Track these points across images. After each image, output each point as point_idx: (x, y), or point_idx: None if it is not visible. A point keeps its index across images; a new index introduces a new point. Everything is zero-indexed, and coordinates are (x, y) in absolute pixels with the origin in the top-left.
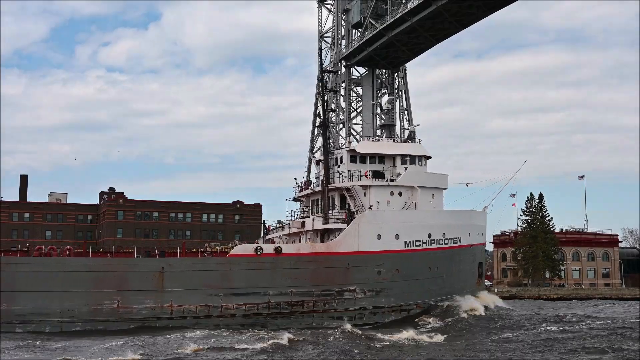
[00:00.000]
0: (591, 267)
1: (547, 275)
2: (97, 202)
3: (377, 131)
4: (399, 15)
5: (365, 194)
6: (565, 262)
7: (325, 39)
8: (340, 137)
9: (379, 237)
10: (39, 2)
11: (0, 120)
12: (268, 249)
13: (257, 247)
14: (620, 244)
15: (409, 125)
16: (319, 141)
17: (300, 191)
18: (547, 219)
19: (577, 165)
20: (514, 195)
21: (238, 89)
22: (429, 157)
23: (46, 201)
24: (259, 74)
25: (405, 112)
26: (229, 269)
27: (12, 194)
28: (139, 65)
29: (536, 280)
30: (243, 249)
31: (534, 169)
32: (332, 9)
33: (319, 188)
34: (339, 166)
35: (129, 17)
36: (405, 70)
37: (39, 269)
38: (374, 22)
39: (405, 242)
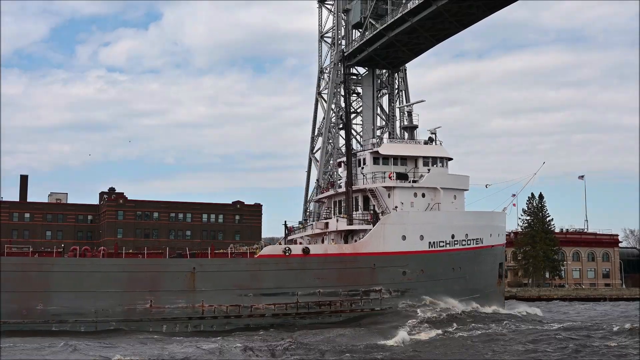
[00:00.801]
0: (591, 267)
1: (547, 275)
2: (97, 202)
3: (395, 132)
4: (399, 15)
5: (389, 196)
6: (565, 262)
7: (325, 39)
8: (340, 137)
9: (403, 238)
10: (39, 2)
11: (0, 120)
12: (296, 249)
13: (285, 248)
14: (620, 244)
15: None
16: (319, 141)
17: (322, 192)
18: (548, 219)
19: (577, 165)
20: (515, 195)
21: (238, 89)
22: (450, 159)
23: (46, 201)
24: (259, 74)
25: (406, 112)
26: (258, 269)
27: (12, 194)
28: (139, 65)
29: (536, 280)
30: (271, 249)
31: (534, 169)
32: (332, 9)
33: (342, 189)
34: (362, 168)
35: (129, 17)
36: (405, 70)
37: (73, 269)
38: (374, 22)
39: (430, 242)
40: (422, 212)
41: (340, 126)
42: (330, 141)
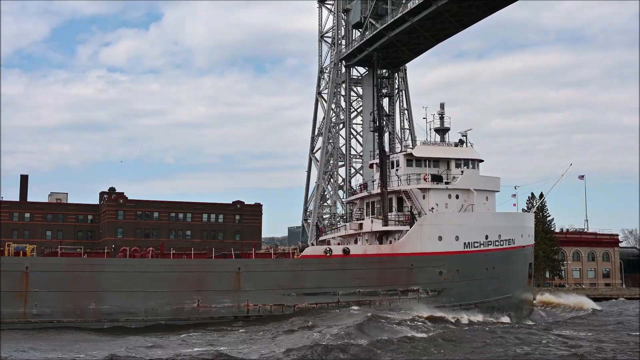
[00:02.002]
0: (591, 267)
1: (547, 275)
2: (97, 202)
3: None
4: (399, 15)
5: (424, 197)
6: (565, 262)
7: (325, 39)
8: (340, 137)
9: (440, 238)
10: (39, 2)
11: (0, 120)
12: (337, 250)
13: (326, 249)
14: (620, 244)
15: (408, 125)
16: (319, 141)
17: (353, 194)
18: (548, 218)
19: (578, 165)
20: (515, 195)
21: (238, 89)
22: (482, 160)
23: (46, 201)
24: (260, 74)
25: (406, 112)
26: (300, 269)
27: (12, 194)
28: (139, 66)
29: (536, 280)
30: (313, 250)
31: (534, 168)
32: (332, 9)
33: (376, 191)
34: (397, 170)
35: (130, 17)
36: (405, 70)
37: (124, 269)
38: (374, 22)
39: (465, 243)
40: (457, 213)
41: (341, 126)
42: (330, 141)
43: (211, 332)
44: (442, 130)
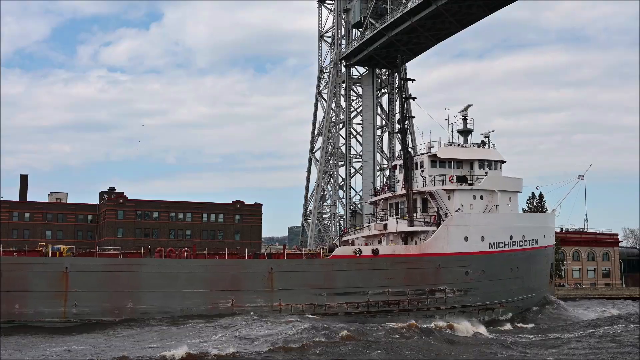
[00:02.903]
0: (591, 267)
1: None
2: (97, 202)
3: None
4: (399, 14)
5: (449, 198)
6: (565, 262)
7: (325, 38)
8: (340, 137)
9: (466, 239)
10: (40, 2)
11: (0, 120)
12: (366, 250)
13: (356, 249)
14: (620, 244)
15: (408, 125)
16: (319, 141)
17: (376, 194)
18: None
19: (578, 165)
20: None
21: (239, 89)
22: (504, 162)
23: (46, 201)
24: (260, 74)
25: (405, 111)
26: (331, 269)
27: (12, 194)
28: (140, 65)
29: None
30: (343, 250)
31: (535, 169)
32: (332, 9)
33: (400, 192)
34: (422, 170)
35: (131, 17)
36: (405, 70)
37: (161, 269)
38: (374, 22)
39: (490, 243)
40: (483, 214)
41: (341, 125)
42: (330, 141)
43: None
44: (465, 132)
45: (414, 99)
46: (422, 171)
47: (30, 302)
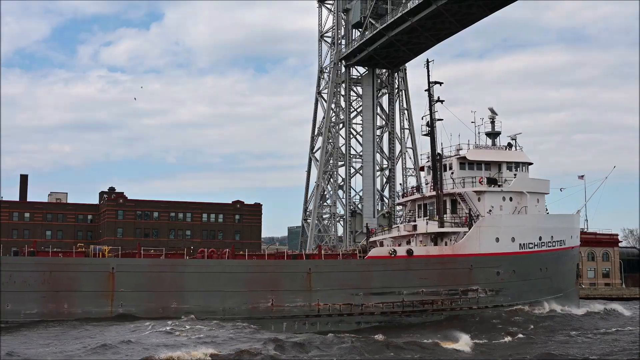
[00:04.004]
0: (591, 267)
1: None
2: (97, 202)
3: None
4: (399, 15)
5: (479, 199)
6: None
7: (325, 38)
8: (340, 137)
9: (497, 240)
10: (40, 2)
11: (0, 120)
12: (400, 251)
13: (391, 250)
14: (620, 244)
15: (408, 125)
16: (319, 141)
17: (403, 196)
18: None
19: (578, 165)
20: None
21: (239, 89)
22: (531, 164)
23: (46, 201)
24: (261, 74)
25: (405, 111)
26: (367, 270)
27: (12, 194)
28: (140, 65)
29: None
30: (378, 251)
31: (534, 168)
32: (332, 9)
33: (429, 193)
34: (452, 172)
35: (131, 17)
36: (405, 70)
37: (203, 270)
38: (374, 22)
39: (520, 244)
40: (513, 215)
41: (341, 125)
42: (330, 141)
43: None
44: (493, 134)
45: (442, 101)
46: (452, 173)
47: (79, 302)
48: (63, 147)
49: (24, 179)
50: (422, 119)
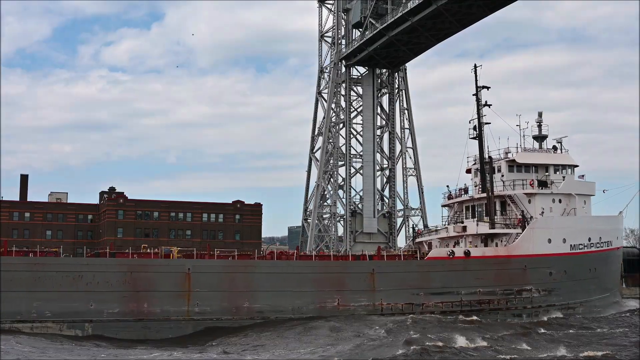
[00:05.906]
0: None
1: None
2: (97, 202)
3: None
4: (400, 14)
5: (529, 201)
6: None
7: (325, 38)
8: (340, 137)
9: (549, 241)
10: (41, 2)
11: (0, 120)
12: (458, 252)
13: (449, 251)
14: None
15: (408, 125)
16: (320, 141)
17: (449, 198)
18: None
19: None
20: None
21: (240, 89)
22: (577, 166)
23: (46, 201)
24: (261, 74)
25: (406, 111)
26: (427, 270)
27: (12, 194)
28: (141, 65)
29: None
30: (437, 252)
31: None
32: (333, 9)
33: (478, 195)
34: (502, 175)
35: (132, 17)
36: (405, 70)
37: (273, 270)
38: (374, 22)
39: (571, 245)
40: (564, 217)
41: (341, 125)
42: (330, 141)
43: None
44: (540, 138)
45: (489, 105)
46: (502, 175)
47: (159, 301)
48: (63, 147)
49: (24, 179)
50: (469, 122)
